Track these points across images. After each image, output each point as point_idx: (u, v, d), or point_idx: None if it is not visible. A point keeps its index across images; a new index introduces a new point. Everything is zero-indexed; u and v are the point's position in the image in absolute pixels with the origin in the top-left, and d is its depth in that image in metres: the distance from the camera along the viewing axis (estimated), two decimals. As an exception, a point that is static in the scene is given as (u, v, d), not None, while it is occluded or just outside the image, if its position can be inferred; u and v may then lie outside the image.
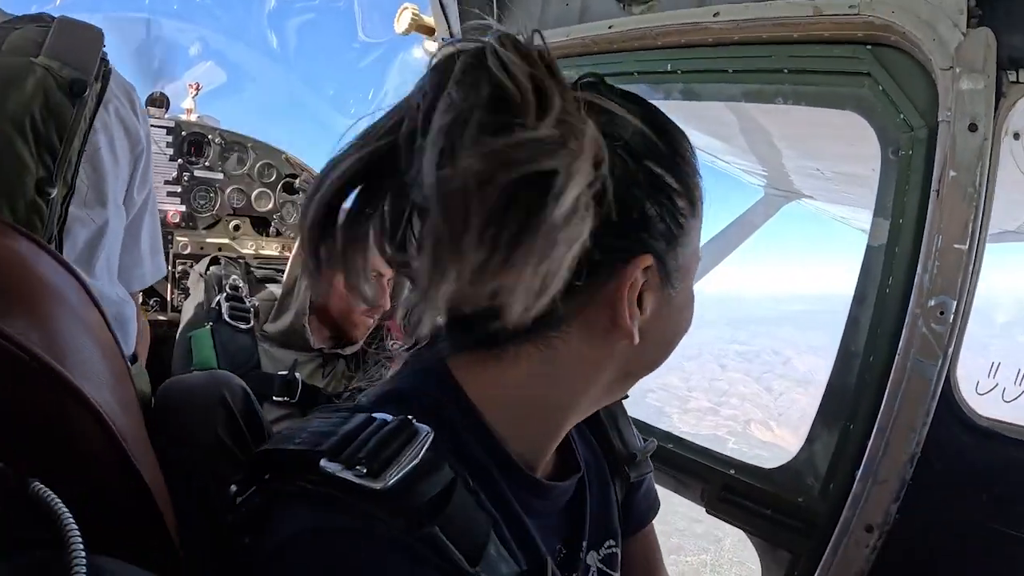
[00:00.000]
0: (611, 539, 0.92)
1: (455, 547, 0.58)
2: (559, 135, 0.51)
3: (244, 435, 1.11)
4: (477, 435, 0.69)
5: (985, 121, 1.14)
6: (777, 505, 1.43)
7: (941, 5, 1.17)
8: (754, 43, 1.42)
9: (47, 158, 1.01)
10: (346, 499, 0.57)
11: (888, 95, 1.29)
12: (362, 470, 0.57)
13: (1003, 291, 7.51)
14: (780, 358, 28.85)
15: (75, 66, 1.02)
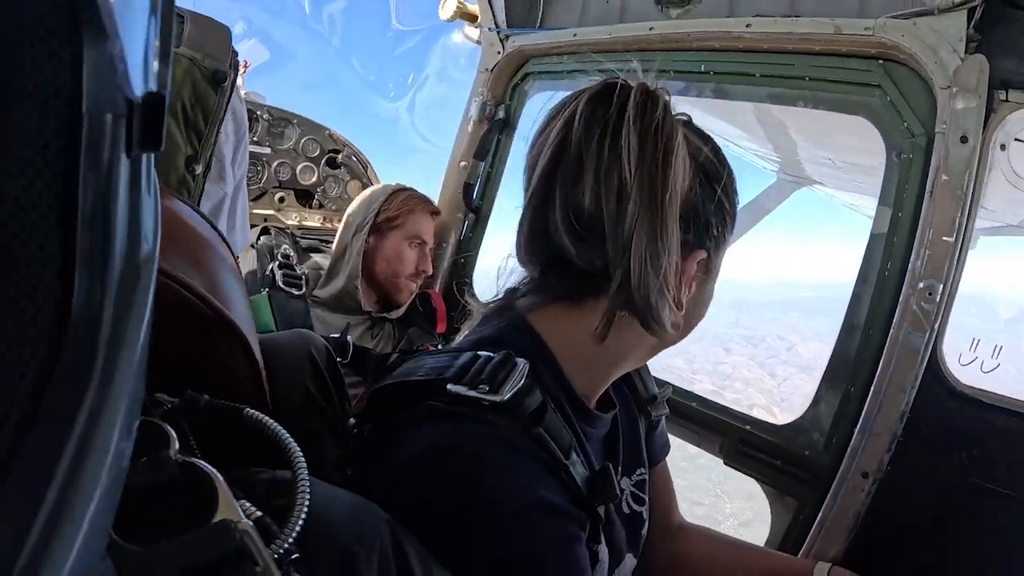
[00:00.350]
0: (641, 467, 1.14)
1: (554, 444, 0.80)
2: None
3: (330, 390, 1.13)
4: (553, 374, 0.91)
5: (975, 134, 1.33)
6: (786, 457, 1.64)
7: (944, 32, 1.36)
8: (780, 52, 1.62)
9: (194, 139, 1.21)
10: (472, 412, 0.78)
11: (894, 105, 1.48)
12: (484, 388, 0.77)
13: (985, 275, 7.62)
14: (785, 343, 28.85)
15: (214, 57, 1.21)
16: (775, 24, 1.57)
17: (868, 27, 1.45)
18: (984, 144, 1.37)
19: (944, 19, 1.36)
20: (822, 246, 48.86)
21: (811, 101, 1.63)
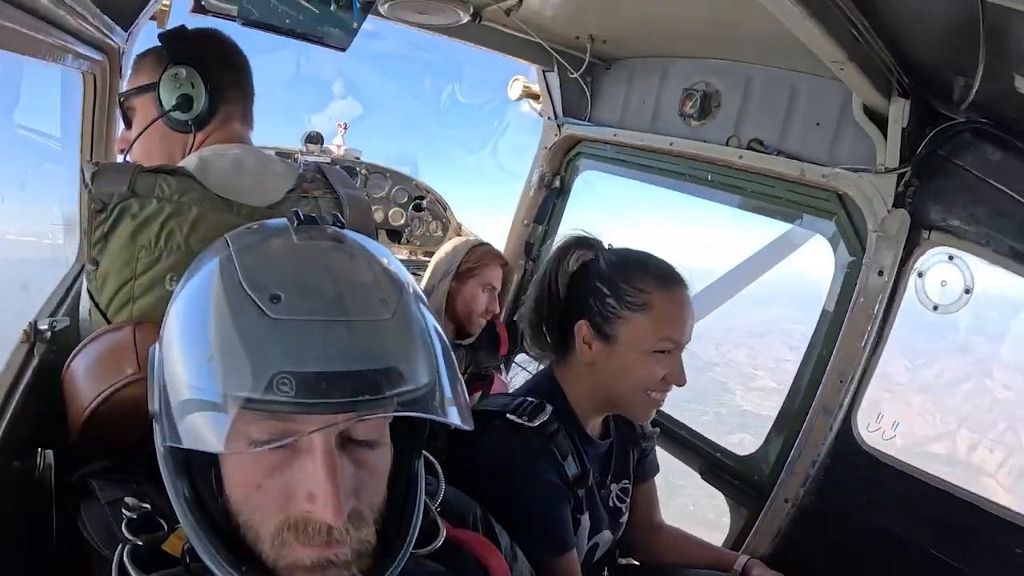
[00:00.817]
0: (626, 479, 1.76)
1: (557, 452, 1.48)
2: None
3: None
4: (567, 410, 1.60)
5: (889, 270, 1.81)
6: (742, 479, 2.21)
7: (879, 188, 1.81)
8: (765, 175, 2.11)
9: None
10: (519, 431, 1.49)
11: (843, 233, 1.96)
12: (526, 419, 1.49)
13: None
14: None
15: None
16: (760, 159, 2.07)
17: (825, 175, 1.93)
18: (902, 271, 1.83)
19: (880, 178, 1.81)
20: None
21: (785, 217, 2.13)
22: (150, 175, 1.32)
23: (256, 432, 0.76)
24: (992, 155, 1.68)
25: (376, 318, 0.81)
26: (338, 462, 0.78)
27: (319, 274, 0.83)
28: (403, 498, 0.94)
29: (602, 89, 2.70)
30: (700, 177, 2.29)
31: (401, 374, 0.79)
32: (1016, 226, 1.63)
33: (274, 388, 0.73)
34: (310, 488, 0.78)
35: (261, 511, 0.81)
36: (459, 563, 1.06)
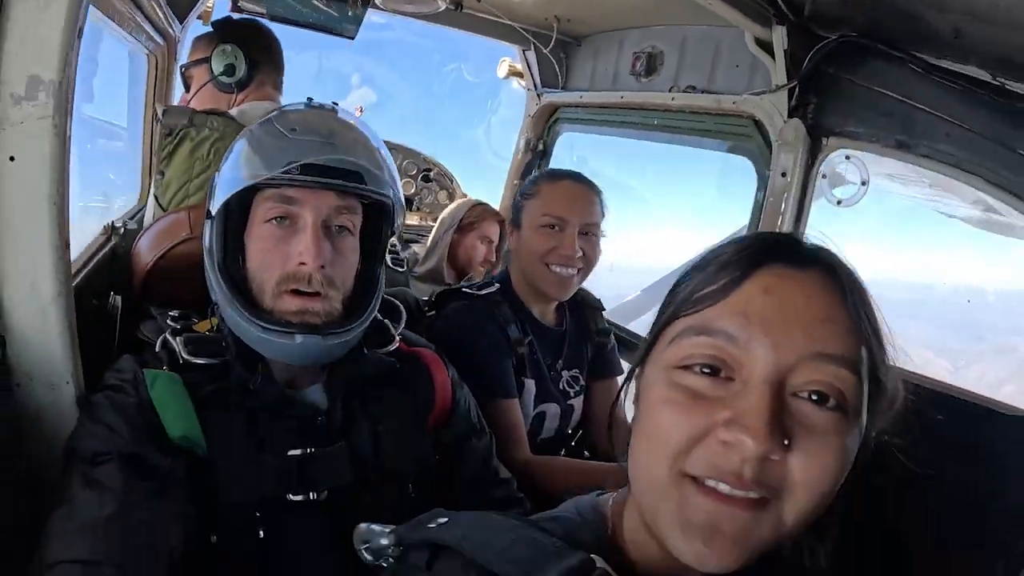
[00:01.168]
0: (577, 369, 2.09)
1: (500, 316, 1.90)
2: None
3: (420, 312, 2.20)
4: (511, 292, 2.00)
5: (791, 172, 2.12)
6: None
7: (775, 104, 2.14)
8: (695, 112, 2.49)
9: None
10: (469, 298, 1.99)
11: (759, 150, 2.29)
12: (474, 289, 2.00)
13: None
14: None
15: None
16: (686, 98, 2.45)
17: (735, 101, 2.28)
18: (808, 175, 2.14)
19: (774, 96, 2.14)
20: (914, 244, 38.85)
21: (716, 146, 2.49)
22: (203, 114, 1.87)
23: (272, 212, 1.25)
24: (870, 64, 1.96)
25: (355, 144, 1.31)
26: (320, 236, 1.24)
27: (321, 122, 1.33)
28: (365, 292, 1.36)
29: (575, 64, 3.17)
30: (648, 123, 2.69)
31: (367, 176, 1.27)
32: (899, 121, 1.89)
33: (288, 171, 1.21)
34: (301, 249, 1.23)
35: (267, 270, 1.25)
36: (410, 365, 1.47)
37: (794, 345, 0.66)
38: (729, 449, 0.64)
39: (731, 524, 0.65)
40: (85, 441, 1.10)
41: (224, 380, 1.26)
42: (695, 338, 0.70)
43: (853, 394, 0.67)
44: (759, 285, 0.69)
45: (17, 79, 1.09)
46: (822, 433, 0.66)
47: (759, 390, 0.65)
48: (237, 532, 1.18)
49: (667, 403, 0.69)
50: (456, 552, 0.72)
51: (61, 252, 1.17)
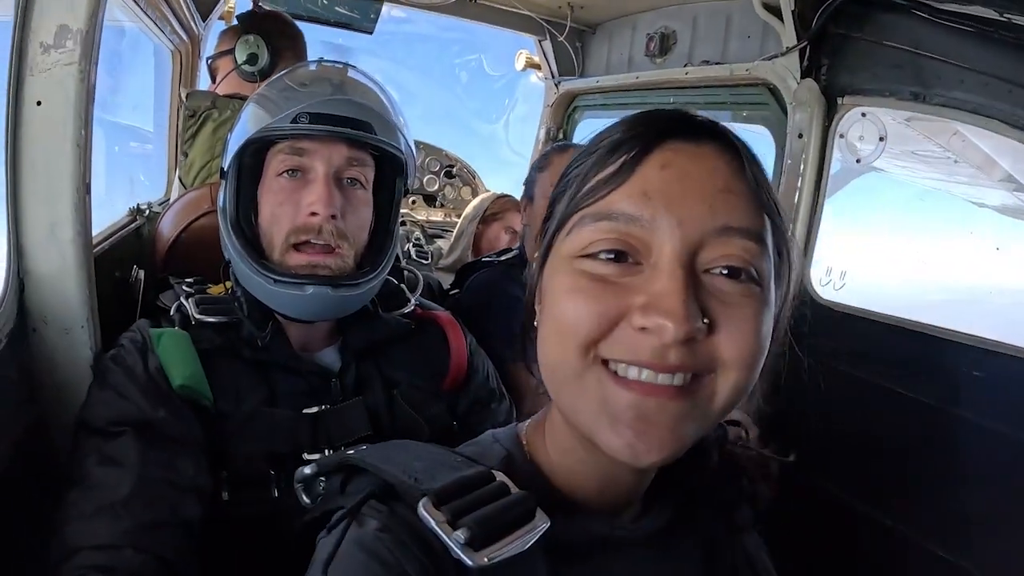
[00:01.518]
0: None
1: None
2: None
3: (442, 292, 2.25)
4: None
5: (807, 132, 2.10)
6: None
7: (787, 66, 2.14)
8: (709, 85, 2.48)
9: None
10: (491, 265, 2.04)
11: (775, 116, 2.28)
12: (494, 256, 1.97)
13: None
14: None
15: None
16: (699, 71, 2.45)
17: (748, 68, 2.28)
18: (826, 137, 2.12)
19: (786, 58, 2.13)
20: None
21: (733, 118, 2.47)
22: (225, 98, 1.94)
23: (283, 165, 1.25)
24: (877, 18, 1.93)
25: (366, 94, 1.31)
26: (331, 186, 1.24)
27: (333, 75, 1.35)
28: (379, 249, 1.35)
29: (590, 51, 3.21)
30: (664, 102, 2.69)
31: (378, 126, 1.26)
32: (912, 73, 1.86)
33: (297, 120, 1.21)
34: (312, 200, 1.23)
35: (278, 224, 1.25)
36: (425, 328, 1.47)
37: (700, 220, 0.64)
38: (648, 335, 0.62)
39: (661, 413, 0.64)
40: (96, 409, 1.11)
41: (235, 335, 1.27)
42: (597, 223, 0.67)
43: (763, 266, 0.66)
44: (656, 162, 0.66)
45: (47, 29, 1.15)
46: (741, 306, 0.65)
47: (671, 270, 0.63)
48: (250, 488, 1.17)
49: (572, 291, 0.67)
50: (364, 471, 0.74)
51: (82, 195, 1.21)
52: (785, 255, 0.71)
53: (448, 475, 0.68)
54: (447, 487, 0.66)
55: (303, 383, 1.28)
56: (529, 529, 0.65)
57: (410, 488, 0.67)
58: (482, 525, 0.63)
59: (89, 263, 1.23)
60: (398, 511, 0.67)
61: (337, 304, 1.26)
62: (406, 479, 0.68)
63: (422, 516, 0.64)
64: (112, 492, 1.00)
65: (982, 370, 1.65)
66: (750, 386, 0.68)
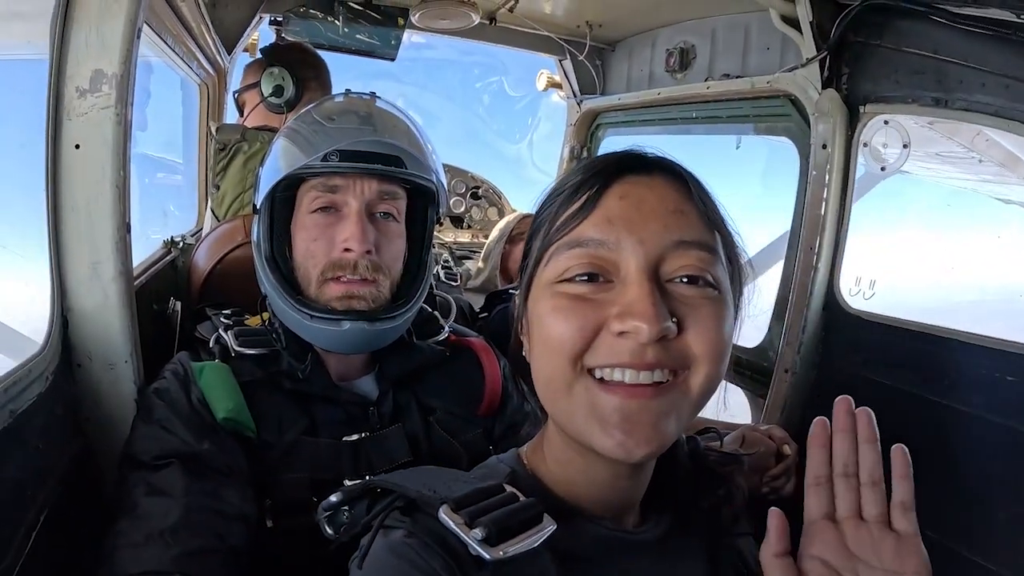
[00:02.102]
0: None
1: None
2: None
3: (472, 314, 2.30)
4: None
5: (831, 142, 2.09)
6: (754, 368, 2.45)
7: (808, 77, 2.13)
8: (731, 99, 2.49)
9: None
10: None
11: (798, 127, 2.28)
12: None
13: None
14: None
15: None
16: (720, 84, 2.46)
17: (769, 80, 2.28)
18: (849, 146, 2.11)
19: (806, 69, 2.13)
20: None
21: (755, 130, 2.47)
22: (254, 131, 1.99)
23: (316, 202, 1.28)
24: (895, 25, 1.93)
25: (394, 129, 1.33)
26: (365, 222, 1.27)
27: (359, 109, 1.36)
28: (413, 279, 1.38)
29: (611, 69, 3.24)
30: (688, 117, 2.70)
31: (408, 160, 1.28)
32: (933, 78, 1.85)
33: (328, 159, 1.23)
34: (346, 236, 1.26)
35: (313, 259, 1.28)
36: (460, 354, 1.48)
37: (657, 237, 0.75)
38: (626, 338, 0.72)
39: (643, 412, 0.73)
40: (141, 444, 1.13)
41: (274, 367, 1.29)
42: (570, 251, 0.77)
43: (717, 273, 0.77)
44: (615, 195, 0.77)
45: (82, 74, 1.19)
46: (703, 307, 0.75)
47: (639, 281, 0.73)
48: (293, 516, 1.18)
49: (555, 311, 0.76)
50: (388, 492, 0.81)
51: (123, 234, 1.25)
52: (736, 261, 0.82)
53: (463, 487, 0.77)
54: (463, 495, 0.75)
55: (341, 412, 1.30)
56: (538, 530, 0.73)
57: (430, 499, 0.75)
58: (496, 524, 0.71)
59: (131, 299, 1.27)
60: (419, 519, 0.76)
61: (374, 337, 1.29)
62: (427, 492, 0.76)
63: (442, 520, 0.72)
64: (160, 521, 1.02)
65: (1015, 375, 1.64)
66: (720, 378, 0.77)
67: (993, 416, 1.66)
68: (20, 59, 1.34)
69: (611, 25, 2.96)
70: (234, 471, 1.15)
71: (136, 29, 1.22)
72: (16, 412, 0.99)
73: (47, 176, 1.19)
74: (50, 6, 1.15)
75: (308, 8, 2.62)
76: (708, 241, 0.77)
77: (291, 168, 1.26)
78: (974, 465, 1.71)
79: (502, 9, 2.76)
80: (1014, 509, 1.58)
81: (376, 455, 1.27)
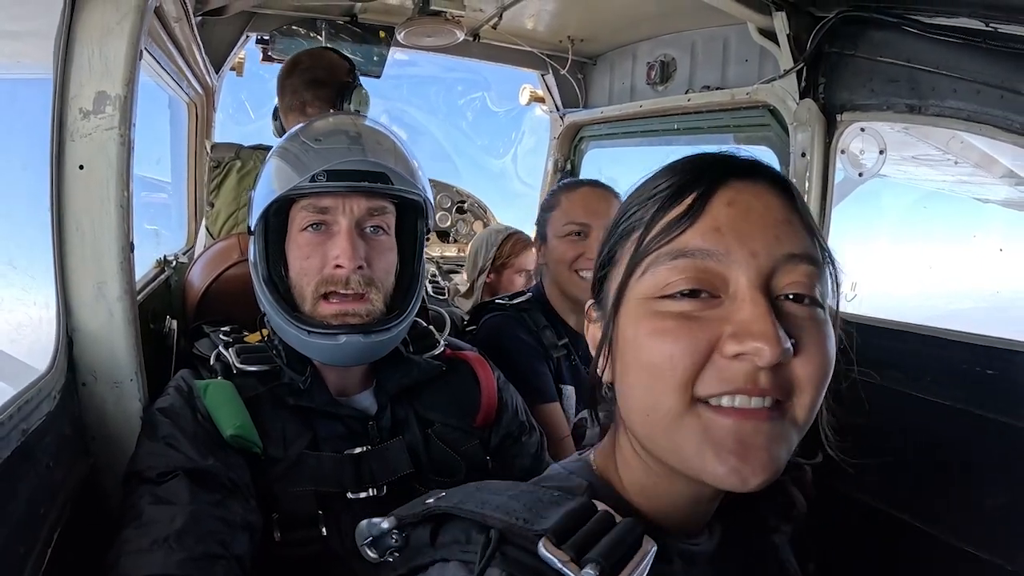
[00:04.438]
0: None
1: (532, 322, 1.94)
2: None
3: (464, 325, 2.26)
4: (545, 301, 2.05)
5: (810, 150, 2.16)
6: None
7: (785, 88, 2.20)
8: (712, 110, 2.55)
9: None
10: (502, 308, 2.02)
11: (778, 136, 2.34)
12: (506, 299, 2.02)
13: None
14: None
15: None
16: (701, 96, 2.53)
17: (748, 92, 2.35)
18: (828, 153, 2.17)
19: (784, 80, 2.20)
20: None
21: (737, 140, 2.54)
22: (249, 149, 2.00)
23: (307, 220, 1.29)
24: (869, 35, 2.00)
25: (379, 146, 1.34)
26: (355, 238, 1.28)
27: (345, 129, 1.37)
28: (406, 291, 1.39)
29: (592, 82, 3.32)
30: (669, 128, 2.77)
31: (394, 177, 1.30)
32: (906, 86, 1.92)
33: (316, 179, 1.26)
34: (337, 253, 1.27)
35: (307, 276, 1.29)
36: (455, 368, 1.51)
37: (770, 249, 0.68)
38: (741, 361, 0.65)
39: (758, 436, 0.66)
40: (146, 460, 1.14)
41: (276, 383, 1.31)
42: (672, 263, 0.70)
43: (820, 287, 0.71)
44: (723, 200, 0.70)
45: (86, 95, 1.21)
46: (811, 329, 0.68)
47: (754, 297, 0.66)
48: (300, 529, 1.20)
49: (658, 333, 0.69)
50: (456, 518, 0.72)
51: (127, 253, 1.26)
52: (832, 272, 0.75)
53: (553, 511, 0.68)
54: (560, 524, 0.66)
55: (342, 427, 1.32)
56: (643, 555, 0.66)
57: (520, 529, 0.66)
58: (607, 558, 0.63)
59: (135, 318, 1.27)
60: (511, 554, 0.67)
61: (370, 349, 1.31)
62: (514, 521, 0.67)
63: (545, 558, 0.64)
64: (165, 527, 1.03)
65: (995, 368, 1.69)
66: (819, 403, 0.71)
67: (974, 408, 1.71)
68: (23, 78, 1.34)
69: (593, 40, 3.03)
70: (239, 486, 1.16)
71: (138, 50, 1.24)
72: (28, 431, 0.99)
73: (51, 196, 1.20)
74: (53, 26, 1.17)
75: (293, 26, 2.65)
76: (814, 254, 0.71)
77: (282, 190, 1.28)
78: (959, 457, 1.75)
79: (486, 26, 2.81)
80: (1001, 498, 1.63)
81: (378, 468, 1.29)
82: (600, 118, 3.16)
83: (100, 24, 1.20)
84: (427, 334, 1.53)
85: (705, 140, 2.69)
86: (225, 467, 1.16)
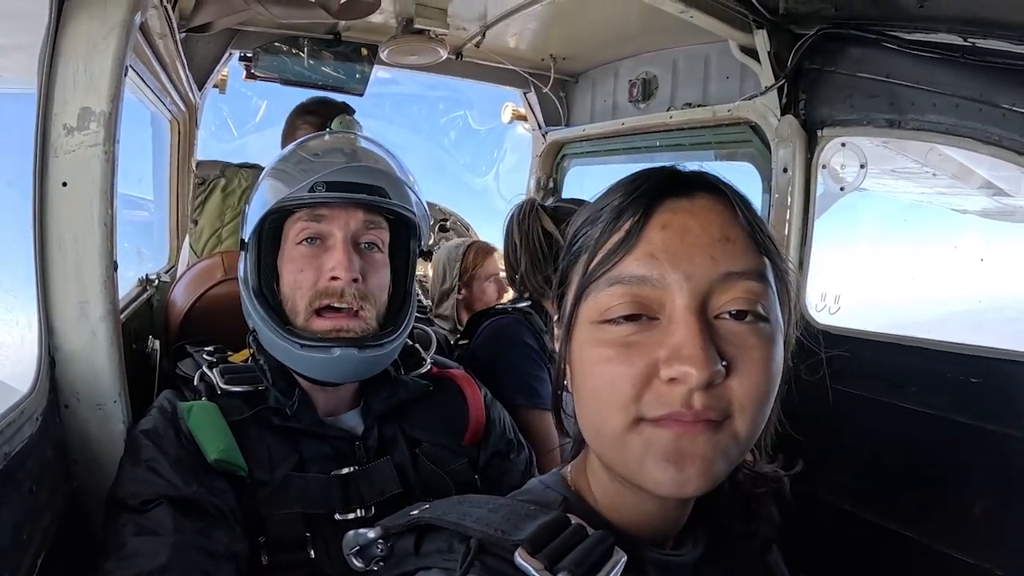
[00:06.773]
0: None
1: (534, 326, 1.93)
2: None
3: (449, 346, 2.29)
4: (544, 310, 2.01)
5: (792, 166, 2.19)
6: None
7: (767, 104, 2.24)
8: (694, 127, 2.58)
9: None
10: (504, 312, 2.03)
11: (760, 153, 2.37)
12: (509, 304, 2.03)
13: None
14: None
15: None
16: (683, 114, 2.56)
17: (730, 109, 2.38)
18: (809, 169, 2.21)
19: (765, 97, 2.24)
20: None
21: (719, 156, 2.57)
22: (234, 167, 1.99)
23: (303, 233, 1.29)
24: (849, 51, 2.05)
25: (378, 161, 1.37)
26: (351, 250, 1.28)
27: (343, 143, 1.40)
28: (399, 308, 1.39)
29: (575, 100, 3.34)
30: (651, 145, 2.80)
31: (392, 191, 1.32)
32: (886, 101, 1.97)
33: (314, 189, 1.26)
34: (333, 264, 1.27)
35: (301, 289, 1.28)
36: (442, 386, 1.50)
37: (703, 270, 0.69)
38: (676, 384, 0.67)
39: (696, 446, 0.68)
40: (128, 487, 1.11)
41: (262, 405, 1.29)
42: (610, 289, 0.72)
43: (767, 302, 0.71)
44: (657, 224, 0.72)
45: (70, 111, 1.18)
46: (751, 347, 0.70)
47: (685, 320, 0.68)
48: (287, 551, 1.18)
49: (601, 361, 0.72)
50: (439, 528, 0.76)
51: (111, 272, 1.23)
52: (784, 281, 0.77)
53: (529, 523, 0.72)
54: (535, 535, 0.69)
55: (328, 447, 1.30)
56: (613, 564, 0.69)
57: (499, 540, 0.70)
58: (579, 566, 0.67)
59: (119, 339, 1.24)
60: (489, 563, 0.70)
61: (364, 365, 1.30)
62: (493, 532, 0.71)
63: (521, 566, 0.67)
64: (149, 561, 1.00)
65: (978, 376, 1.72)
66: (765, 419, 0.72)
67: (959, 416, 1.74)
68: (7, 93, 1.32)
69: (575, 58, 3.06)
70: (224, 512, 1.13)
71: (124, 66, 1.22)
72: (10, 455, 0.96)
73: (34, 213, 1.17)
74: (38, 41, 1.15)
75: (276, 43, 2.65)
76: (757, 268, 0.72)
77: (280, 200, 1.28)
78: (945, 464, 1.78)
79: (469, 44, 2.83)
80: (986, 503, 1.65)
81: (366, 488, 1.27)
82: (582, 136, 3.19)
83: (86, 39, 1.18)
84: (413, 352, 1.52)
85: (687, 157, 2.72)
86: (209, 493, 1.13)
